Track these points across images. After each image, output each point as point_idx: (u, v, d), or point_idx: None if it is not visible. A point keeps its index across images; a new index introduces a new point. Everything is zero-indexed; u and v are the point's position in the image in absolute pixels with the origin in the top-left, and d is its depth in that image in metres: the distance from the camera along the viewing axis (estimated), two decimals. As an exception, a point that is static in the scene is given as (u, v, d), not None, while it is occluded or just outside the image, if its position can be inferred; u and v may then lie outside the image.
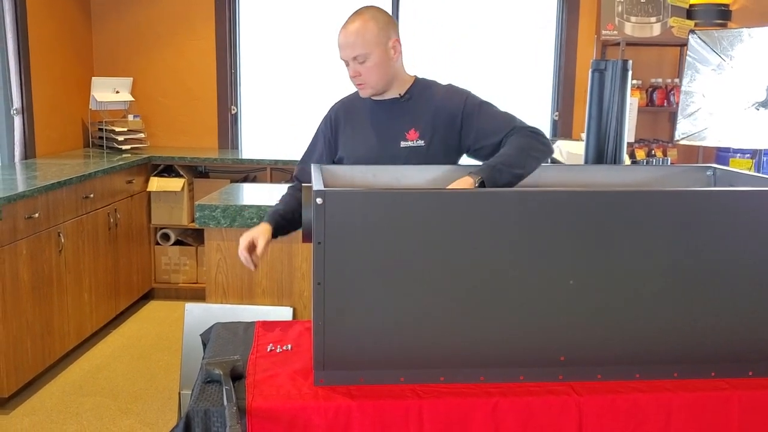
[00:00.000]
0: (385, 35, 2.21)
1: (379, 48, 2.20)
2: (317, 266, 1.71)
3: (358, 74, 2.23)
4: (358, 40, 2.18)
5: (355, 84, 2.28)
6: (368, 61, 2.20)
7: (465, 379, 1.79)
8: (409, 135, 2.26)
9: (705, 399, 1.75)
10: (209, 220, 2.98)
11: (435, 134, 2.26)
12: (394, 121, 2.30)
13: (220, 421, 1.65)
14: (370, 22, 2.19)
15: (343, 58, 2.24)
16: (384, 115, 2.32)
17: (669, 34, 5.03)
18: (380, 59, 2.21)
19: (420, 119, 2.28)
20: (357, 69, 2.22)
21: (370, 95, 2.31)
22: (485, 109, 2.29)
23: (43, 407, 3.42)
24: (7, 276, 3.27)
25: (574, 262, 1.75)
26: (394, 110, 2.31)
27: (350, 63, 2.23)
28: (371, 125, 2.34)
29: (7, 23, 4.32)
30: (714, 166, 2.32)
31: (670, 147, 5.10)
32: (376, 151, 2.31)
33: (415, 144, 2.26)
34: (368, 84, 2.25)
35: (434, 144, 2.26)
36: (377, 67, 2.22)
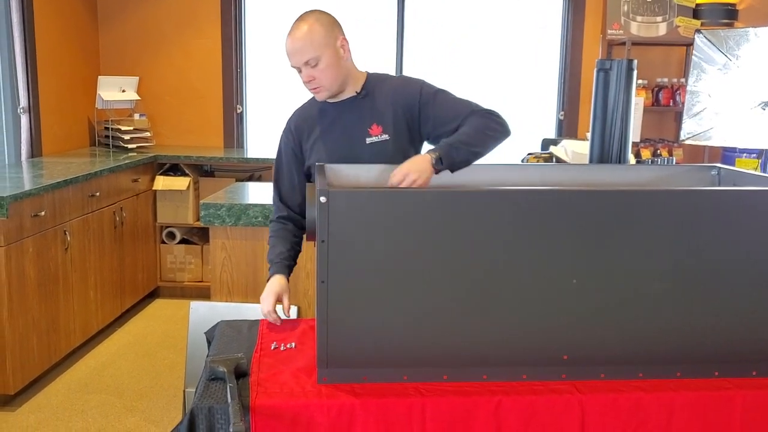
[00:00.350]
0: (332, 36, 2.21)
1: (329, 49, 2.19)
2: (321, 265, 1.72)
3: (312, 78, 2.21)
4: (306, 45, 2.16)
5: (311, 89, 2.27)
6: (320, 63, 2.19)
7: (468, 378, 1.79)
8: (372, 131, 2.27)
9: (708, 398, 1.75)
10: (214, 218, 2.99)
11: (397, 126, 2.27)
12: (356, 119, 2.30)
13: (224, 419, 1.65)
14: (316, 25, 2.18)
15: (295, 66, 2.23)
16: (344, 115, 2.32)
17: (675, 34, 5.02)
18: (331, 60, 2.20)
19: (380, 114, 2.29)
20: (310, 73, 2.20)
21: (326, 98, 2.29)
22: (441, 96, 2.30)
23: (49, 404, 3.43)
24: (13, 274, 3.29)
25: (577, 262, 1.75)
26: (353, 109, 2.31)
27: (303, 69, 2.21)
28: (334, 127, 2.32)
29: (14, 22, 4.34)
30: (718, 166, 2.32)
31: (675, 147, 5.09)
32: (343, 151, 2.29)
33: (380, 138, 2.27)
34: (323, 86, 2.24)
35: (398, 136, 2.27)
36: (330, 68, 2.21)
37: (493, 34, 5.46)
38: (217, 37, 5.43)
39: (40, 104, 4.61)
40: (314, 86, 2.24)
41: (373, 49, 5.47)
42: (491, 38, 5.46)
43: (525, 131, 5.49)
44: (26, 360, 3.42)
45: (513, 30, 5.46)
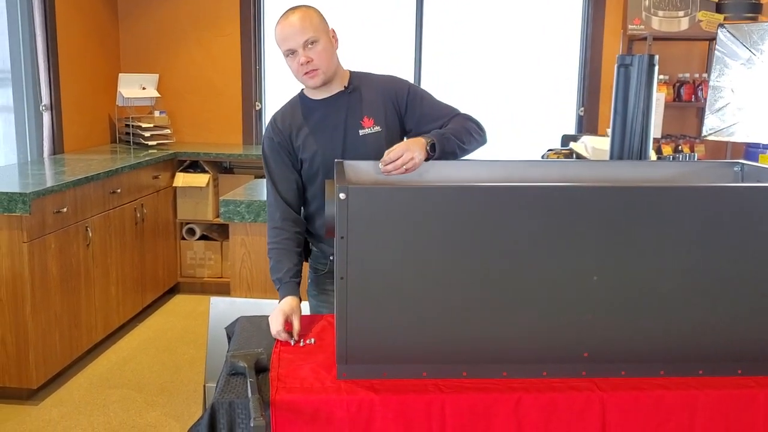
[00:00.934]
0: (326, 24, 2.29)
1: (325, 34, 2.26)
2: (340, 261, 1.72)
3: (310, 60, 2.21)
4: (306, 24, 2.20)
5: (305, 72, 2.24)
6: (318, 44, 2.22)
7: (487, 375, 1.78)
8: (364, 123, 2.30)
9: (730, 397, 1.73)
10: (234, 215, 3.01)
11: (389, 119, 2.33)
12: (347, 113, 2.32)
13: (244, 413, 1.66)
14: (311, 10, 2.26)
15: (292, 47, 2.21)
16: (334, 109, 2.33)
17: (697, 29, 4.97)
18: (327, 44, 2.26)
19: (370, 107, 2.32)
20: (308, 54, 2.20)
21: (321, 82, 2.27)
22: (428, 96, 2.40)
23: (71, 399, 3.47)
24: (36, 269, 3.32)
25: (598, 258, 1.74)
26: (342, 103, 2.32)
27: (300, 50, 2.20)
28: (325, 122, 2.32)
29: (37, 22, 4.39)
30: (742, 162, 2.29)
31: (697, 143, 5.04)
32: (336, 144, 2.30)
33: (372, 130, 2.31)
34: (320, 69, 2.23)
35: (390, 128, 2.33)
36: (326, 52, 2.25)
37: (513, 30, 5.43)
38: (236, 34, 5.45)
39: (61, 102, 4.65)
40: (311, 68, 2.23)
41: (392, 46, 5.46)
42: (511, 34, 5.44)
43: (545, 127, 5.47)
44: (49, 355, 3.45)
45: (533, 26, 5.43)
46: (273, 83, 5.62)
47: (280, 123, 2.38)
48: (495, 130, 5.32)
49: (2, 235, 3.25)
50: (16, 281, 3.27)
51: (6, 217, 3.23)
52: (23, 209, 3.21)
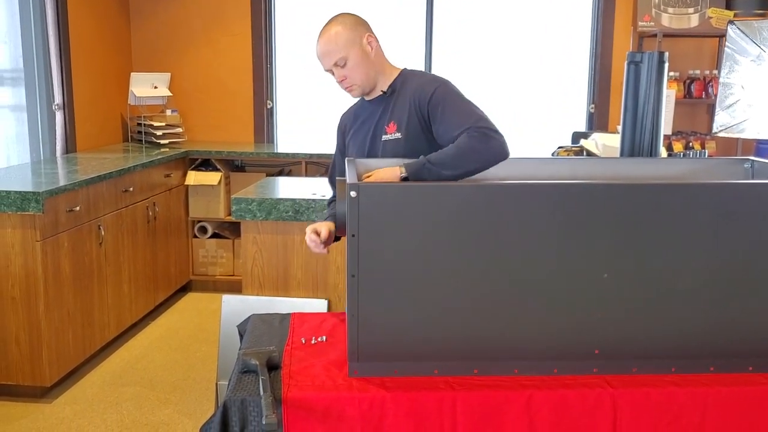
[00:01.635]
0: (356, 34, 2.29)
1: (354, 48, 2.28)
2: (351, 259, 1.73)
3: (344, 78, 2.31)
4: (331, 47, 2.27)
5: (345, 88, 2.36)
6: (348, 62, 2.28)
7: (499, 372, 1.79)
8: (388, 129, 2.31)
9: (742, 394, 1.73)
10: (245, 213, 3.02)
11: (410, 126, 2.27)
12: (379, 117, 2.35)
13: (256, 411, 1.67)
14: (338, 27, 2.28)
15: (325, 67, 2.33)
16: (372, 112, 2.38)
17: (707, 25, 4.95)
18: (358, 58, 2.29)
19: (399, 112, 2.31)
20: (341, 73, 2.30)
21: (360, 95, 2.38)
22: (450, 102, 2.23)
23: (84, 396, 3.50)
24: (49, 268, 3.35)
25: (609, 255, 1.75)
26: (379, 106, 2.36)
27: (334, 70, 2.31)
28: (363, 124, 2.40)
29: (49, 22, 4.42)
30: (752, 159, 2.29)
31: (708, 139, 5.03)
32: (363, 147, 2.37)
33: (392, 137, 2.30)
34: (355, 84, 2.32)
35: (410, 135, 2.27)
36: (358, 66, 2.29)
37: (523, 27, 5.43)
38: (247, 32, 5.47)
39: (74, 101, 4.68)
40: (347, 85, 2.33)
41: (402, 44, 5.47)
42: (521, 31, 5.43)
43: (555, 124, 5.46)
44: (62, 352, 3.48)
45: (543, 23, 5.42)
46: (284, 81, 5.63)
47: (345, 116, 2.55)
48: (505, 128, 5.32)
49: (16, 233, 3.27)
50: (30, 280, 3.30)
51: (19, 216, 3.26)
52: (36, 208, 3.23)
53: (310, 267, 3.06)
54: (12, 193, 3.23)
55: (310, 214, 2.99)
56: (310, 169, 5.13)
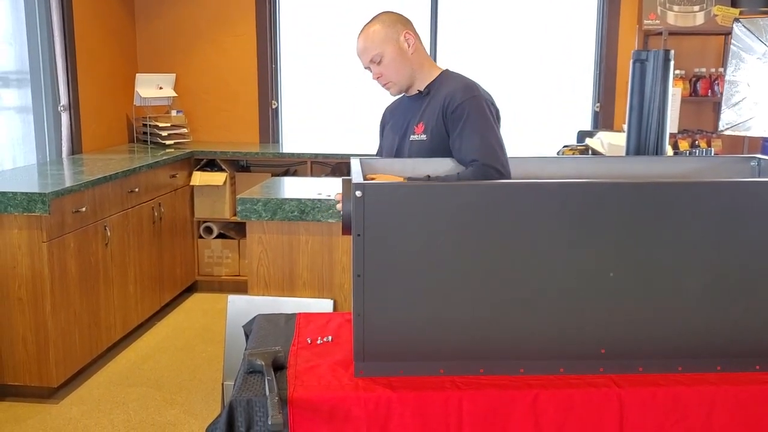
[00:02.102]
0: (393, 31, 2.32)
1: (391, 44, 2.31)
2: (357, 258, 1.73)
3: (380, 74, 2.35)
4: (368, 44, 2.32)
5: (382, 85, 2.40)
6: (384, 59, 2.32)
7: (505, 371, 1.79)
8: (417, 129, 2.33)
9: (748, 393, 1.73)
10: (251, 213, 3.02)
11: (436, 129, 2.29)
12: (411, 116, 2.38)
13: (262, 411, 1.68)
14: (376, 25, 2.34)
15: (365, 66, 2.38)
16: (408, 109, 2.42)
17: (713, 23, 4.93)
18: (395, 54, 2.32)
19: (429, 114, 2.32)
20: (377, 70, 2.35)
21: (398, 92, 2.42)
22: (471, 122, 2.22)
23: (91, 397, 3.50)
24: (55, 269, 3.36)
25: (615, 255, 1.74)
26: (414, 105, 2.40)
27: (371, 67, 2.36)
28: (399, 120, 2.44)
29: (55, 24, 4.42)
30: (759, 157, 2.28)
31: (714, 137, 5.01)
32: (394, 143, 2.42)
33: (419, 138, 2.32)
34: (392, 81, 2.36)
35: (435, 138, 2.29)
36: (394, 63, 2.33)
37: (528, 25, 5.42)
38: (251, 33, 5.48)
39: (80, 102, 4.70)
40: (384, 82, 2.38)
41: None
42: (526, 30, 5.42)
43: (561, 123, 5.45)
44: (69, 353, 3.49)
45: (548, 21, 5.41)
46: (289, 82, 5.64)
47: (386, 110, 2.62)
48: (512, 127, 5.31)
49: (22, 234, 3.28)
50: (36, 281, 3.30)
51: (26, 217, 3.27)
52: (42, 209, 3.24)
53: (316, 267, 3.06)
54: (18, 195, 3.24)
55: (316, 214, 2.99)
56: (315, 169, 5.13)
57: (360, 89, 5.42)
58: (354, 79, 5.45)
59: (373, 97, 5.05)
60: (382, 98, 2.61)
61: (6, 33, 4.24)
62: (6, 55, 4.25)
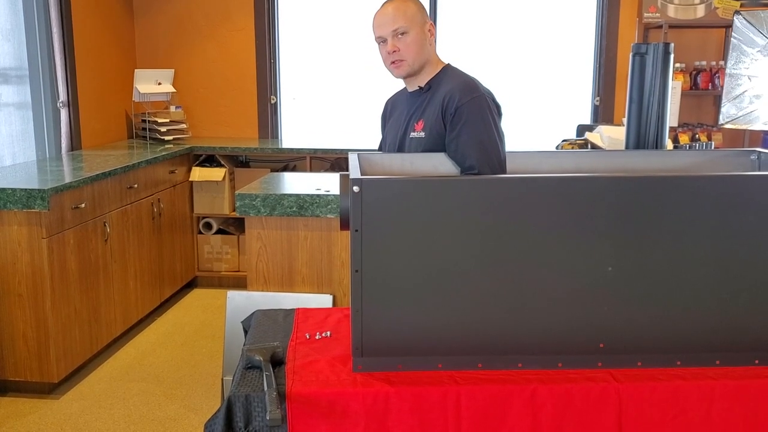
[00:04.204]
0: (422, 16, 2.29)
1: (418, 26, 2.26)
2: (355, 254, 1.73)
3: (397, 50, 2.25)
4: (399, 15, 2.24)
5: (391, 61, 2.29)
6: (408, 36, 2.25)
7: (503, 366, 1.79)
8: (417, 126, 2.31)
9: (747, 387, 1.72)
10: (249, 209, 3.02)
11: (434, 128, 2.27)
12: (411, 112, 2.36)
13: (260, 406, 1.67)
14: (410, 2, 2.27)
15: (382, 35, 2.27)
16: (409, 105, 2.39)
17: (713, 16, 4.92)
18: (418, 37, 2.26)
19: (429, 110, 2.30)
20: (396, 44, 2.25)
21: (405, 74, 2.32)
22: (470, 125, 2.21)
23: (92, 392, 3.51)
24: (55, 265, 3.36)
25: (613, 249, 1.74)
26: (415, 101, 2.37)
27: (389, 39, 2.26)
28: (399, 116, 2.42)
29: (53, 20, 4.42)
30: (759, 150, 2.27)
31: (714, 131, 5.00)
32: (395, 140, 2.39)
33: (417, 135, 2.30)
34: (406, 60, 2.28)
35: (433, 136, 2.27)
36: (415, 44, 2.26)
37: (528, 19, 5.40)
38: (250, 28, 5.47)
39: (78, 98, 4.69)
40: (397, 58, 2.27)
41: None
42: (526, 24, 5.41)
43: (561, 117, 5.44)
44: (69, 349, 3.49)
45: (548, 15, 5.40)
46: (288, 77, 5.63)
47: (388, 102, 2.58)
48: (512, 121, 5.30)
49: (22, 231, 3.28)
50: (36, 277, 3.30)
51: (25, 213, 3.26)
52: (42, 205, 3.24)
53: (315, 262, 3.06)
54: (18, 191, 3.24)
55: (315, 210, 2.99)
56: (314, 164, 5.13)
57: (360, 84, 5.41)
58: (354, 74, 5.44)
59: (373, 92, 5.05)
60: (381, 93, 2.60)
61: (4, 29, 4.23)
62: (5, 51, 4.24)
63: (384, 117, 2.59)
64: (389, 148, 2.44)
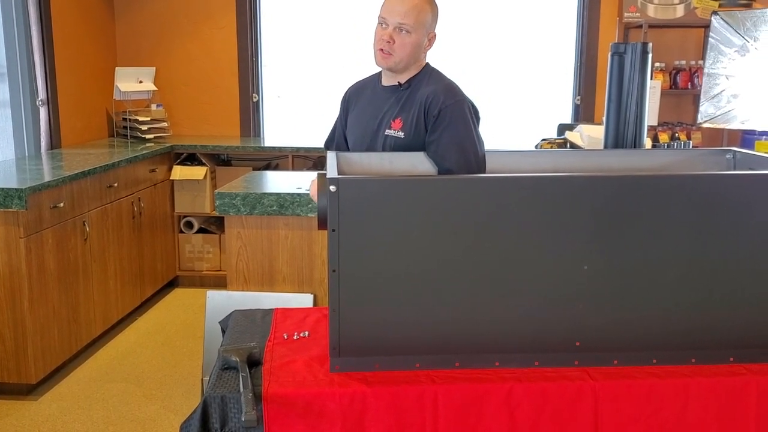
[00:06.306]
0: (432, 24, 2.31)
1: (422, 31, 2.26)
2: (332, 253, 1.73)
3: (392, 41, 2.23)
4: (412, 12, 2.21)
5: (380, 48, 2.26)
6: (409, 36, 2.23)
7: (480, 365, 1.79)
8: (394, 124, 2.29)
9: (722, 385, 1.74)
10: (229, 207, 3.01)
11: (415, 129, 2.27)
12: (387, 108, 2.34)
13: (236, 407, 1.67)
14: (429, 6, 2.26)
15: (385, 17, 2.24)
16: (382, 100, 2.36)
17: (693, 16, 4.95)
18: (418, 41, 2.26)
19: (407, 110, 2.29)
20: (394, 36, 2.23)
21: (389, 66, 2.29)
22: (452, 129, 2.22)
23: (70, 393, 3.48)
24: (33, 264, 3.33)
25: (589, 248, 1.75)
26: (391, 97, 2.34)
27: (389, 26, 2.23)
28: (370, 109, 2.38)
29: (32, 17, 4.37)
30: (734, 150, 2.29)
31: (694, 130, 5.03)
32: (366, 135, 2.36)
33: (395, 134, 2.29)
34: (395, 56, 2.25)
35: (413, 137, 2.27)
36: (412, 46, 2.25)
37: (510, 18, 5.41)
38: (232, 26, 5.44)
39: (58, 96, 4.65)
40: (388, 48, 2.24)
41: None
42: (507, 23, 5.42)
43: (543, 116, 5.46)
44: (47, 349, 3.46)
45: (529, 14, 5.41)
46: (270, 75, 5.61)
47: (352, 88, 2.53)
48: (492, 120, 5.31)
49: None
50: (14, 277, 3.27)
51: (2, 213, 3.23)
52: (19, 205, 3.21)
53: (296, 262, 3.05)
54: (-6, 190, 3.21)
55: (295, 209, 2.98)
56: (297, 162, 5.12)
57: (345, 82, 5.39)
58: (338, 72, 5.43)
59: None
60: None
61: (-18, 26, 4.19)
62: (-18, 48, 4.20)
63: (345, 104, 2.52)
64: (356, 142, 2.39)
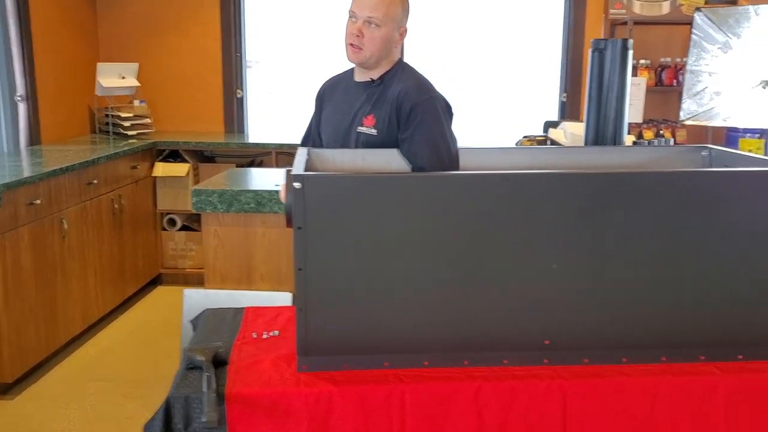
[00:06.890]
0: (402, 18, 2.27)
1: (392, 25, 2.23)
2: (298, 251, 1.70)
3: (361, 35, 2.21)
4: (381, 6, 2.19)
5: (350, 43, 2.25)
6: (378, 30, 2.21)
7: (449, 363, 1.77)
8: (366, 120, 2.27)
9: (691, 383, 1.72)
10: (206, 205, 2.98)
11: (388, 126, 2.25)
12: (359, 105, 2.32)
13: (200, 408, 1.64)
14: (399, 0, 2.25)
15: (355, 11, 2.23)
16: (354, 97, 2.35)
17: (678, 13, 4.94)
18: (387, 35, 2.23)
19: (380, 107, 2.27)
20: (363, 30, 2.21)
21: (359, 62, 2.29)
22: (425, 126, 2.21)
23: (48, 392, 3.45)
24: (8, 262, 3.29)
25: (558, 246, 1.73)
26: (362, 93, 2.33)
27: (358, 20, 2.21)
28: (342, 105, 2.36)
29: (9, 8, 4.32)
30: (710, 147, 2.28)
31: (679, 127, 5.02)
32: (339, 132, 2.34)
33: (367, 131, 2.27)
34: (365, 50, 2.24)
35: (385, 135, 2.25)
36: (381, 41, 2.22)
37: (496, 15, 5.39)
38: (216, 21, 5.40)
39: (38, 92, 4.60)
40: (357, 44, 2.23)
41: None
42: (494, 20, 5.40)
43: (529, 113, 5.44)
44: (24, 348, 3.43)
45: (516, 11, 5.39)
46: (254, 71, 5.57)
47: (326, 84, 2.52)
48: (479, 117, 5.29)
49: (-26, 228, 3.21)
50: (-11, 274, 3.24)
51: (-23, 210, 3.20)
52: (-6, 202, 3.18)
53: (273, 260, 3.02)
54: (-32, 187, 3.17)
55: (273, 206, 2.95)
56: (280, 159, 5.08)
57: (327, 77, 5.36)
58: (322, 69, 5.39)
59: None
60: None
61: (-41, 21, 4.14)
62: (-40, 44, 4.15)
63: (319, 100, 2.51)
64: (329, 139, 2.38)
